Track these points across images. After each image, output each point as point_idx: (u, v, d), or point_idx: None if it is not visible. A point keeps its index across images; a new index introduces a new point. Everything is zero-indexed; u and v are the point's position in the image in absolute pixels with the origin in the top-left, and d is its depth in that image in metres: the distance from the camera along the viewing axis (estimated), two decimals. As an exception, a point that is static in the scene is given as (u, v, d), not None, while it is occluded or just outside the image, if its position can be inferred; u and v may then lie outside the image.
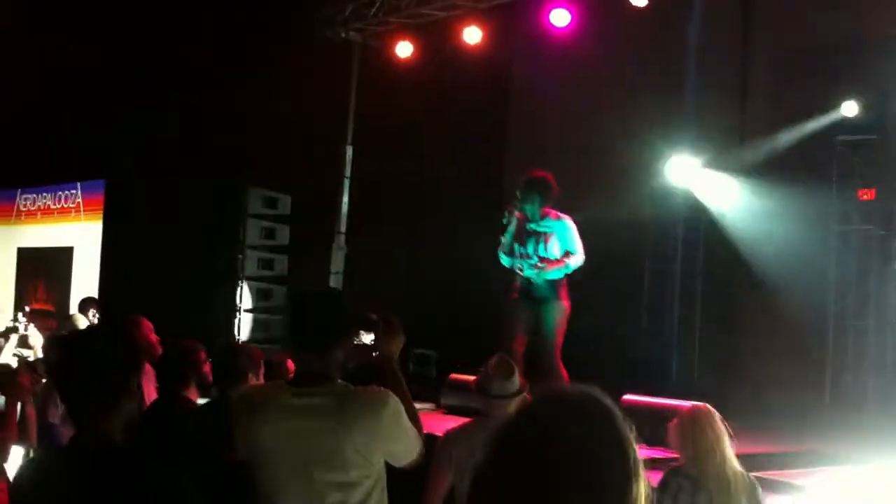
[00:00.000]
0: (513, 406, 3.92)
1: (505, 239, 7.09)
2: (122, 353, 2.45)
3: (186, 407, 4.43)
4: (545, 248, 7.01)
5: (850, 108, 10.79)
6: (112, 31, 14.27)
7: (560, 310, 7.00)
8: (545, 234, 7.02)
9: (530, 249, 7.02)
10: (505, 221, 7.05)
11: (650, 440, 6.21)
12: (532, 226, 7.04)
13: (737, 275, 12.12)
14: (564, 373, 6.87)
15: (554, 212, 7.15)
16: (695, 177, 12.69)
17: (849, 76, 11.18)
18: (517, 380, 4.09)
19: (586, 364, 10.20)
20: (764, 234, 12.07)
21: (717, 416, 4.15)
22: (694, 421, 4.10)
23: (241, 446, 2.97)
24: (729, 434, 4.06)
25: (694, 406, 4.25)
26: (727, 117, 13.17)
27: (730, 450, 4.05)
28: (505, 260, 7.16)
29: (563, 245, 7.00)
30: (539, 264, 6.98)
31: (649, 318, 12.85)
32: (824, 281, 10.90)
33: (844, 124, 10.99)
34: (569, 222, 7.07)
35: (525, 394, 4.10)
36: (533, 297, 7.05)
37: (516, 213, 7.02)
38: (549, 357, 6.92)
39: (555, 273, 6.98)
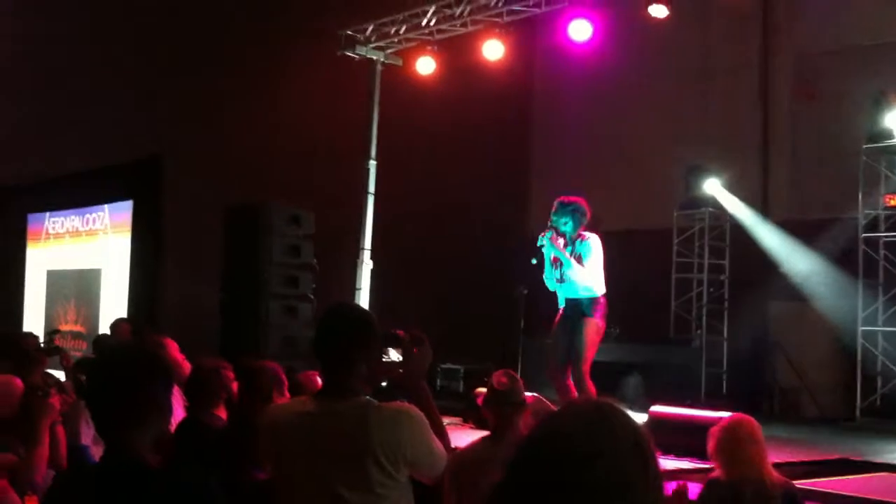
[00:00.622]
0: (518, 418, 3.91)
1: (543, 260, 7.13)
2: (151, 372, 2.48)
3: (215, 426, 4.44)
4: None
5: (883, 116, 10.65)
6: (132, 50, 14.44)
7: (593, 326, 7.04)
8: (571, 252, 7.07)
9: (564, 271, 7.08)
10: (539, 244, 7.10)
11: (678, 451, 6.19)
12: (567, 249, 7.06)
13: (764, 283, 12.04)
14: (592, 388, 6.87)
15: (586, 234, 7.18)
16: (719, 188, 12.64)
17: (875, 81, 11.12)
18: (520, 390, 4.09)
19: (612, 374, 10.22)
20: (790, 242, 12.01)
21: (757, 426, 4.11)
22: (734, 431, 4.06)
23: (267, 464, 2.99)
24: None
25: (734, 416, 4.20)
26: (749, 127, 13.13)
27: (768, 460, 4.02)
28: (550, 285, 7.21)
29: (580, 252, 7.04)
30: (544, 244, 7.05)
31: (676, 327, 12.80)
32: (853, 287, 10.81)
33: (869, 131, 10.91)
34: (591, 241, 7.08)
35: (530, 405, 4.11)
36: (569, 315, 7.10)
37: (551, 237, 7.04)
38: (577, 370, 6.93)
39: (579, 281, 7.00)
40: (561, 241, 7.06)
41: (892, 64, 11.32)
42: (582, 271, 6.96)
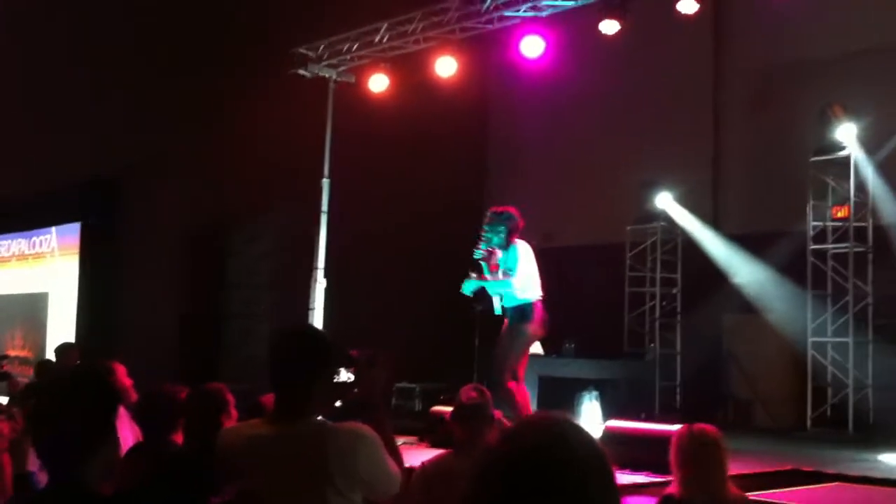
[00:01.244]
0: (488, 433, 3.90)
1: (482, 272, 7.17)
2: (99, 399, 2.42)
3: (168, 451, 4.37)
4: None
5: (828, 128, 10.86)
6: (88, 72, 14.27)
7: (518, 332, 7.07)
8: (504, 260, 7.14)
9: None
10: (477, 257, 7.13)
11: (634, 465, 6.23)
12: (500, 259, 7.13)
13: (716, 296, 12.19)
14: (517, 394, 6.92)
15: (517, 241, 7.22)
16: (671, 202, 12.79)
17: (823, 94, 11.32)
18: (489, 404, 4.08)
19: (567, 390, 10.25)
20: (740, 254, 12.17)
21: (720, 437, 3.99)
22: (696, 442, 3.93)
23: (224, 488, 2.95)
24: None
25: (696, 426, 4.04)
26: (701, 141, 13.30)
27: (726, 473, 3.95)
28: (468, 285, 7.20)
29: (505, 263, 7.08)
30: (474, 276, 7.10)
31: (630, 341, 12.91)
32: (802, 298, 10.97)
33: (816, 144, 11.11)
34: (519, 247, 7.12)
35: (498, 422, 4.10)
36: (508, 321, 7.19)
37: (485, 249, 7.10)
38: (496, 372, 6.98)
39: (495, 285, 7.08)
40: (497, 256, 7.10)
41: (839, 77, 11.55)
42: (515, 280, 6.96)
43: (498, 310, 7.22)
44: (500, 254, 7.12)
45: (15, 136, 14.83)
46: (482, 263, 7.13)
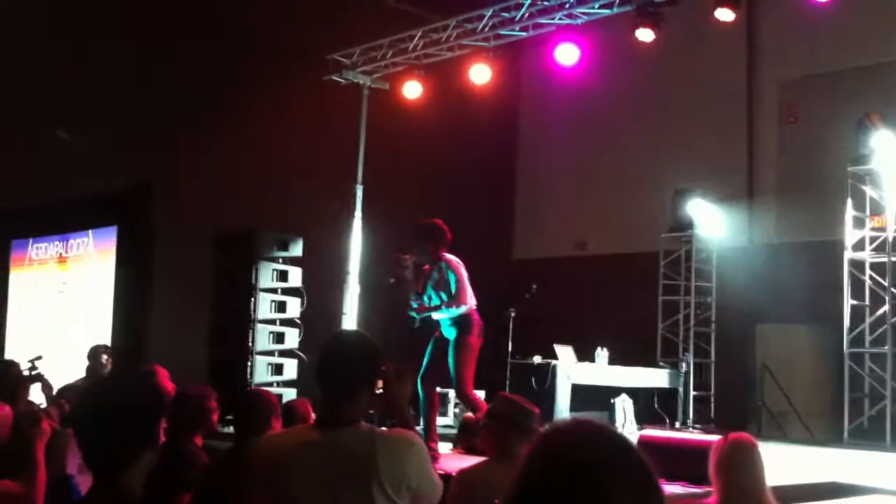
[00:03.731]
0: (524, 442, 3.86)
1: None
2: (147, 403, 2.41)
3: (196, 456, 4.40)
4: (434, 291, 7.21)
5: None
6: (117, 76, 14.41)
7: (463, 345, 7.12)
8: (436, 278, 7.18)
9: (428, 293, 7.26)
10: (414, 307, 7.26)
11: (669, 476, 6.17)
12: (433, 274, 7.21)
13: (750, 305, 12.07)
14: (481, 403, 6.97)
15: (445, 256, 7.23)
16: (705, 211, 12.70)
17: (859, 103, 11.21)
18: (525, 415, 4.04)
19: (601, 397, 10.19)
20: (776, 263, 12.05)
21: (757, 446, 3.99)
22: (735, 451, 3.91)
23: (263, 493, 2.94)
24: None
25: (736, 435, 4.05)
26: (735, 151, 13.21)
27: (766, 483, 3.91)
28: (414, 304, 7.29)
29: (447, 287, 7.11)
30: (415, 308, 7.22)
31: (663, 350, 12.82)
32: (839, 309, 10.84)
33: (854, 153, 11.00)
34: (452, 266, 7.15)
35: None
36: (443, 336, 7.25)
37: (412, 260, 7.18)
38: (462, 388, 7.06)
39: (440, 313, 7.18)
40: (432, 277, 7.16)
41: (875, 86, 11.43)
42: (456, 300, 7.09)
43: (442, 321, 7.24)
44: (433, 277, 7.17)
45: (49, 141, 15.01)
46: (413, 305, 7.23)
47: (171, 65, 13.84)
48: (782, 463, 7.90)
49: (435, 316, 7.26)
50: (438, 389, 10.90)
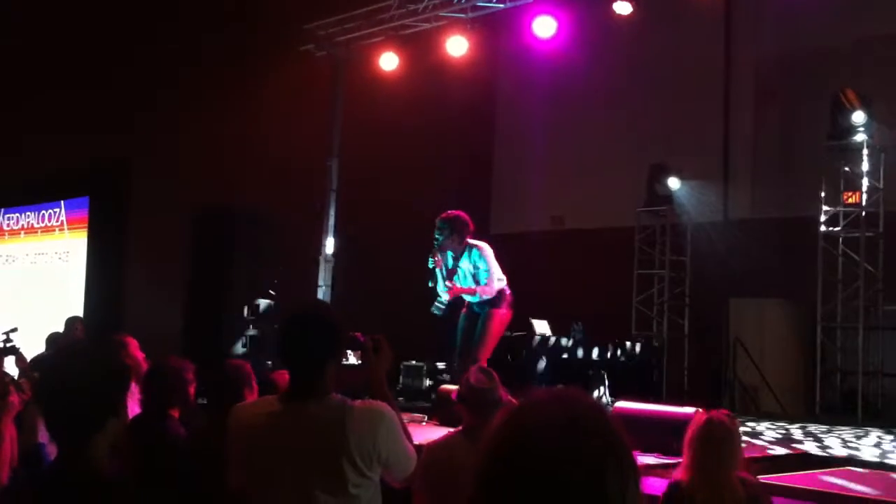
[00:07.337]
0: (494, 417, 3.83)
1: (437, 280, 7.27)
2: (110, 373, 2.36)
3: (173, 428, 4.36)
4: (465, 276, 7.27)
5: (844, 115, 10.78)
6: (95, 50, 14.23)
7: (494, 318, 7.22)
8: (466, 264, 7.25)
9: (458, 276, 7.29)
10: (431, 265, 7.21)
11: (643, 447, 6.20)
12: (451, 263, 7.27)
13: (724, 280, 12.13)
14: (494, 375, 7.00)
15: (471, 242, 7.28)
16: (681, 187, 12.73)
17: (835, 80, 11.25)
18: (497, 388, 4.03)
19: (576, 371, 10.24)
20: (750, 238, 12.11)
21: (736, 423, 3.98)
22: (713, 428, 3.88)
23: (237, 465, 2.91)
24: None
25: (713, 414, 4.00)
26: (711, 127, 13.22)
27: (740, 462, 3.91)
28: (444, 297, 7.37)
29: (478, 273, 7.15)
30: (447, 290, 7.27)
31: (638, 324, 12.88)
32: (812, 283, 10.92)
33: (829, 130, 11.03)
34: (483, 251, 7.20)
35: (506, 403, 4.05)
36: (474, 310, 7.34)
37: (437, 257, 7.21)
38: (475, 358, 7.07)
39: (472, 297, 7.26)
40: (447, 267, 7.20)
41: (851, 64, 11.46)
42: (488, 287, 7.13)
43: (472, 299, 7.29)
44: (444, 259, 7.21)
45: (25, 114, 14.82)
46: (436, 271, 7.21)
47: (148, 40, 13.70)
48: (754, 436, 7.98)
49: (465, 297, 7.31)
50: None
